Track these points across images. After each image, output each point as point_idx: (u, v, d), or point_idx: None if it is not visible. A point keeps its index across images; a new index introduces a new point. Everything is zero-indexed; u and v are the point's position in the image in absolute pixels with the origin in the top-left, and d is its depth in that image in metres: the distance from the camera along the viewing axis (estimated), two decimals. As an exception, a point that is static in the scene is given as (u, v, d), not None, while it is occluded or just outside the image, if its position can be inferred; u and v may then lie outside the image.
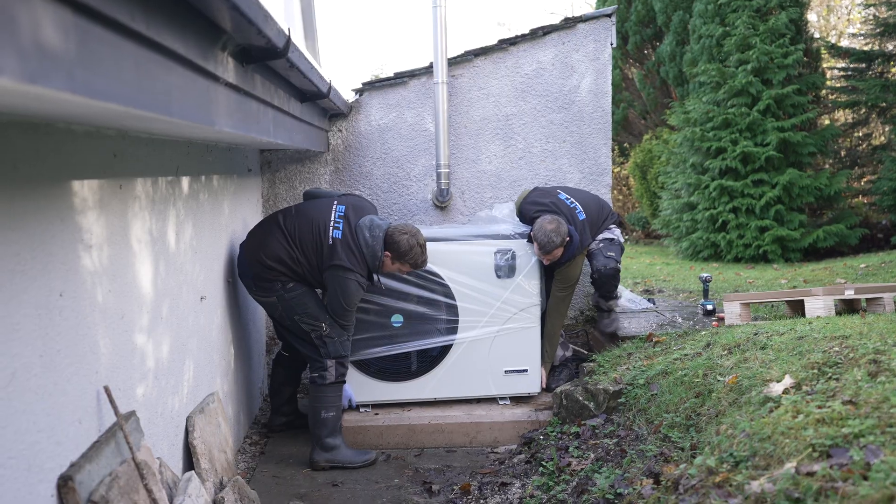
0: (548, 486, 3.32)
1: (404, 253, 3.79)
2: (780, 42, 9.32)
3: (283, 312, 3.87)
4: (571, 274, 4.44)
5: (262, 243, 3.80)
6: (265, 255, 3.76)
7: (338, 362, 3.88)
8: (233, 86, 2.15)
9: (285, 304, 3.83)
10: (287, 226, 3.82)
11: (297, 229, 3.79)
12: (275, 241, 3.78)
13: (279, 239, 3.78)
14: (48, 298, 1.88)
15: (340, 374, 3.90)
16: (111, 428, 2.23)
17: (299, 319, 3.84)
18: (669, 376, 3.54)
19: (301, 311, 3.83)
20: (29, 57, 1.00)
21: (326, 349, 3.85)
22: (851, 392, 2.34)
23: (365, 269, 3.78)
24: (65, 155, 1.98)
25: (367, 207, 3.97)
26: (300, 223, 3.81)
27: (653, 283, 7.35)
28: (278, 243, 3.77)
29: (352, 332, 3.96)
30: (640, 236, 13.41)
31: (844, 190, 9.70)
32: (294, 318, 3.84)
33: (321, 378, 3.86)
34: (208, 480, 3.00)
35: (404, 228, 3.83)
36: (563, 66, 5.20)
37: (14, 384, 1.70)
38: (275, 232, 3.81)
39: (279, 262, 3.75)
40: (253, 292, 3.92)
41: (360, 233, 3.76)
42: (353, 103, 5.17)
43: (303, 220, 3.82)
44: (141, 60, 1.40)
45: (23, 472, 1.73)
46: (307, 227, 3.78)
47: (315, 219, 3.81)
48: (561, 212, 4.40)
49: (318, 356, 3.87)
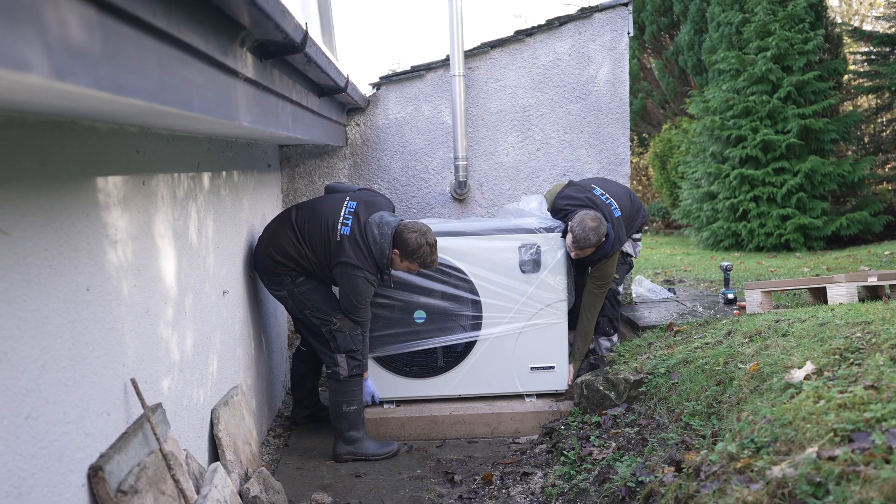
0: (569, 476, 3.34)
1: (412, 251, 3.76)
2: (800, 28, 9.21)
3: (293, 306, 3.92)
4: (608, 271, 4.36)
5: (273, 238, 3.84)
6: (274, 250, 3.81)
7: (348, 356, 3.89)
8: (252, 81, 2.18)
9: (295, 298, 3.87)
10: (297, 221, 3.85)
11: (306, 225, 3.81)
12: (284, 236, 3.82)
13: (288, 234, 3.82)
14: (75, 293, 1.92)
15: (354, 368, 3.90)
16: (138, 420, 2.28)
17: (310, 314, 3.87)
18: (690, 365, 3.54)
19: (311, 306, 3.86)
20: (56, 54, 1.03)
21: (336, 343, 3.87)
22: (874, 377, 2.33)
23: (374, 267, 3.75)
24: (89, 152, 2.02)
25: (380, 203, 3.94)
26: (310, 219, 3.83)
27: (673, 273, 7.32)
28: (287, 238, 3.81)
29: (367, 327, 3.96)
30: (660, 226, 13.34)
31: (868, 177, 9.58)
32: (305, 311, 3.89)
33: (335, 374, 3.90)
34: (233, 472, 3.05)
35: (414, 227, 3.79)
36: (580, 56, 5.19)
37: (44, 376, 1.75)
38: (285, 227, 3.85)
39: (287, 257, 3.79)
40: (267, 286, 3.97)
41: (369, 230, 3.74)
42: (370, 97, 5.20)
43: (313, 215, 3.84)
44: (163, 56, 1.43)
45: (54, 461, 1.78)
46: (316, 223, 3.80)
47: (325, 215, 3.82)
48: (597, 207, 4.28)
49: (328, 350, 3.91)
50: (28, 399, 1.67)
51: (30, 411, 1.68)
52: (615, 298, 4.55)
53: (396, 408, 4.35)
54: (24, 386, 1.66)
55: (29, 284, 1.70)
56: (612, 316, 4.55)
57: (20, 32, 0.94)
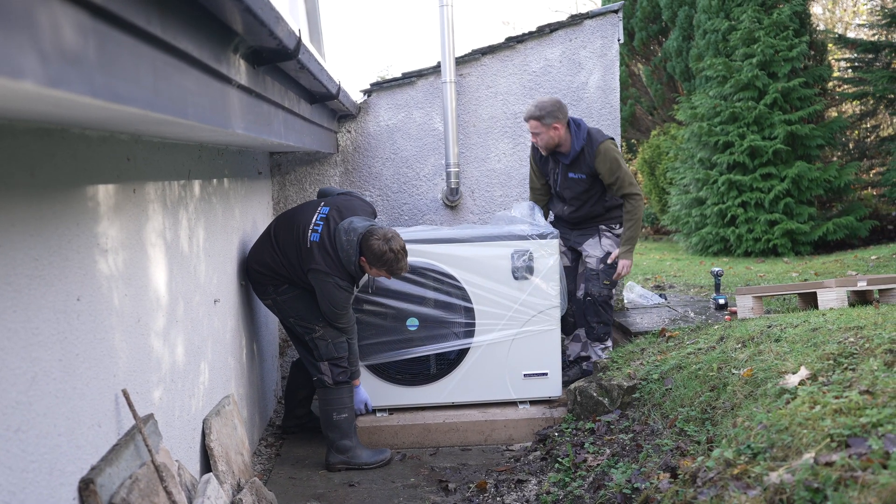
0: (564, 483, 3.32)
1: (377, 258, 3.64)
2: (785, 35, 9.30)
3: (279, 314, 3.98)
4: (620, 173, 4.33)
5: (255, 248, 3.92)
6: (253, 260, 3.89)
7: (331, 364, 3.87)
8: (245, 88, 2.17)
9: (279, 306, 3.91)
10: (275, 231, 3.88)
11: (281, 233, 3.83)
12: (262, 246, 3.88)
13: (266, 243, 3.87)
14: (66, 303, 1.89)
15: (339, 375, 3.87)
16: (130, 431, 2.25)
17: (294, 322, 3.90)
18: (683, 370, 3.54)
19: (294, 314, 3.88)
20: (50, 61, 1.01)
21: (318, 351, 3.87)
22: (868, 382, 2.34)
23: (344, 273, 3.69)
24: (80, 160, 2.00)
25: (354, 208, 3.87)
26: (286, 227, 3.84)
27: (663, 278, 7.34)
28: (264, 247, 3.86)
29: (353, 334, 3.93)
30: (649, 232, 13.39)
31: (853, 182, 9.66)
32: (290, 320, 3.92)
33: (321, 381, 3.90)
34: (226, 482, 3.02)
35: (379, 233, 3.66)
36: (571, 62, 5.20)
37: (35, 388, 1.72)
38: (264, 237, 3.92)
39: (264, 266, 3.83)
40: (256, 295, 4.04)
41: (337, 236, 3.69)
42: (361, 104, 5.18)
43: (288, 223, 3.85)
44: (158, 63, 1.41)
45: (45, 475, 1.75)
46: (290, 231, 3.80)
47: (298, 222, 3.81)
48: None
49: (312, 358, 3.93)
50: (18, 411, 1.64)
51: (20, 424, 1.65)
52: (608, 304, 4.55)
53: (389, 416, 4.32)
54: (13, 398, 1.63)
55: (19, 295, 1.67)
56: (607, 321, 4.55)
57: (13, 39, 0.92)
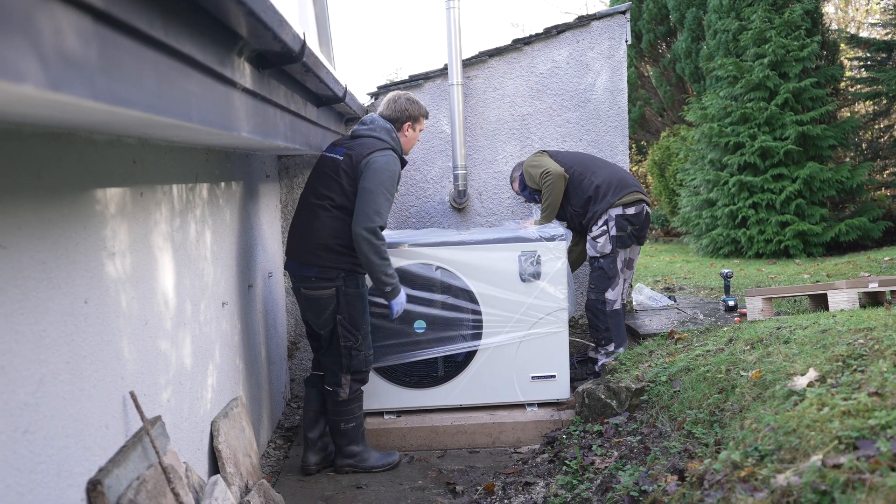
0: (572, 485, 3.31)
1: (413, 108, 3.89)
2: (797, 35, 9.25)
3: (331, 308, 3.69)
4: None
5: (324, 225, 3.67)
6: (329, 236, 3.65)
7: (353, 379, 3.79)
8: (250, 91, 2.18)
9: (341, 298, 3.68)
10: (311, 195, 3.78)
11: (318, 187, 3.76)
12: (332, 221, 3.68)
13: (321, 215, 3.70)
14: (73, 305, 1.91)
15: (354, 391, 3.82)
16: (138, 433, 2.26)
17: (342, 321, 3.69)
18: (692, 373, 3.52)
19: (348, 312, 3.69)
20: (52, 65, 1.02)
21: (349, 361, 3.74)
22: (877, 384, 2.32)
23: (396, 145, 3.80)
24: (87, 163, 2.01)
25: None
26: (315, 182, 3.80)
27: (673, 280, 7.31)
28: (335, 221, 3.67)
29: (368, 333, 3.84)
30: (659, 234, 13.34)
31: (866, 182, 9.60)
32: (338, 317, 3.70)
33: (335, 394, 3.80)
34: (234, 484, 3.03)
35: (390, 104, 3.90)
36: (578, 64, 5.19)
37: (42, 390, 1.73)
38: (316, 211, 3.73)
39: (342, 244, 3.63)
40: (310, 285, 3.70)
41: (362, 132, 3.82)
42: (368, 107, 5.19)
43: (315, 180, 3.82)
44: (161, 67, 1.42)
45: (53, 476, 1.76)
46: (321, 179, 3.76)
47: (320, 171, 3.81)
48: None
49: (336, 369, 3.78)
50: (26, 413, 1.66)
51: (28, 425, 1.66)
52: (597, 308, 4.53)
53: (397, 418, 4.32)
54: (21, 400, 1.64)
55: (27, 297, 1.68)
56: (597, 326, 4.54)
57: (14, 43, 0.93)
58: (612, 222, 4.43)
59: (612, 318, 4.51)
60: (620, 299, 4.53)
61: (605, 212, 4.45)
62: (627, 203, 4.44)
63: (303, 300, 3.79)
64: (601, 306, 4.51)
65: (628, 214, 4.44)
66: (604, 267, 4.48)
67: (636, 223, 4.46)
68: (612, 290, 4.49)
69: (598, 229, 4.47)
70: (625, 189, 4.48)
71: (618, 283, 4.49)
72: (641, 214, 4.48)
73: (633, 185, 4.54)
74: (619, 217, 4.43)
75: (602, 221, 4.46)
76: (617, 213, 4.43)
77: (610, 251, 4.45)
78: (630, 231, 4.45)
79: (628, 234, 4.45)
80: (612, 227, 4.43)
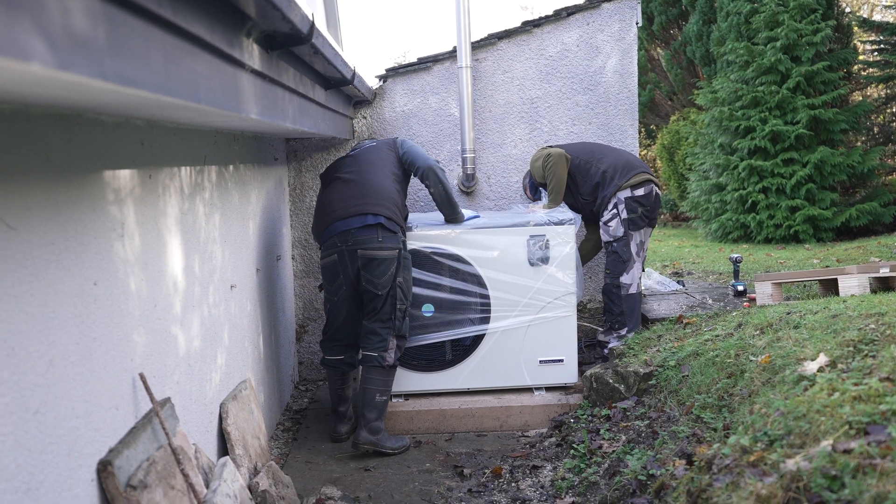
0: (579, 469, 3.32)
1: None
2: (810, 18, 9.14)
3: (391, 273, 3.81)
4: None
5: (384, 189, 3.93)
6: (389, 201, 3.91)
7: (399, 342, 3.91)
8: (258, 72, 2.16)
9: (400, 262, 3.85)
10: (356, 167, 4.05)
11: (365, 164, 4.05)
12: (393, 185, 4.01)
13: (393, 182, 4.02)
14: (83, 287, 1.91)
15: (398, 357, 3.92)
16: (147, 414, 2.27)
17: (401, 283, 3.86)
18: (701, 357, 3.51)
19: (404, 276, 3.89)
20: (59, 44, 1.01)
21: (401, 324, 3.88)
22: (889, 369, 2.30)
23: None
24: (95, 145, 2.01)
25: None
26: (367, 163, 4.07)
27: (681, 265, 7.28)
28: (395, 187, 4.01)
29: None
30: (668, 219, 13.29)
31: (878, 167, 9.52)
32: (398, 280, 3.85)
33: (381, 358, 3.85)
34: (243, 466, 3.04)
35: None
36: (588, 46, 5.15)
37: (52, 371, 1.74)
38: (385, 174, 4.03)
39: (400, 209, 3.97)
40: (375, 245, 3.79)
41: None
42: (377, 90, 5.17)
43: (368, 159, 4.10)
44: (168, 48, 1.41)
45: (63, 457, 1.77)
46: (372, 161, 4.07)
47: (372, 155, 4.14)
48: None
49: (386, 332, 3.86)
50: (36, 394, 1.66)
51: (38, 406, 1.67)
52: (612, 293, 4.52)
53: (405, 401, 4.34)
54: (32, 381, 1.65)
55: (36, 279, 1.69)
56: (611, 309, 4.54)
57: (22, 21, 0.92)
58: (622, 205, 4.41)
59: (626, 302, 4.51)
60: (636, 283, 4.51)
61: (613, 195, 4.44)
62: (635, 184, 4.42)
63: (359, 261, 3.83)
64: (616, 290, 4.50)
65: (637, 196, 4.41)
66: (617, 251, 4.47)
67: (646, 204, 4.44)
68: (626, 273, 4.47)
69: (609, 213, 4.45)
70: (631, 171, 4.46)
71: (632, 266, 4.48)
72: (651, 195, 4.46)
73: (640, 167, 4.52)
74: (628, 199, 4.41)
75: (612, 205, 4.44)
76: (626, 195, 4.41)
77: (623, 234, 4.43)
78: (641, 212, 4.44)
79: (639, 216, 4.44)
80: (622, 210, 4.41)
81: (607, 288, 4.54)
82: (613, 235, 4.46)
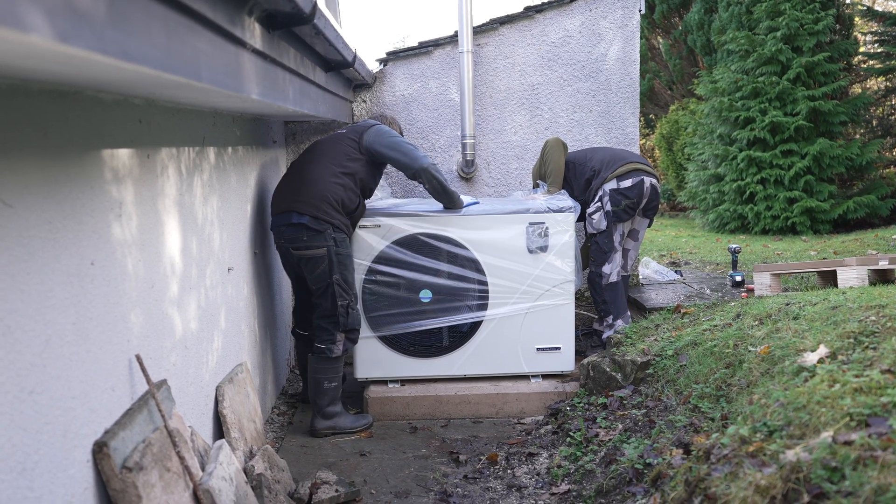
0: (575, 457, 3.32)
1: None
2: (811, 8, 9.10)
3: (323, 269, 3.79)
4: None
5: (322, 183, 3.83)
6: (327, 192, 3.81)
7: (347, 337, 3.90)
8: (259, 52, 2.13)
9: (332, 258, 3.79)
10: (310, 160, 3.96)
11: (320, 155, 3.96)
12: (335, 180, 3.87)
13: (332, 175, 3.87)
14: (80, 266, 1.88)
15: (345, 350, 3.91)
16: (143, 396, 2.25)
17: (337, 280, 3.81)
18: (699, 347, 3.51)
19: (341, 271, 3.82)
20: (59, 15, 0.98)
21: (345, 320, 3.85)
22: (890, 361, 2.30)
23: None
24: (94, 123, 1.98)
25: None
26: (324, 152, 3.97)
27: (679, 255, 7.27)
28: (337, 181, 3.86)
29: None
30: (665, 209, 13.27)
31: (876, 160, 9.51)
32: (334, 277, 3.79)
33: (328, 350, 3.86)
34: (238, 449, 3.03)
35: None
36: (591, 33, 5.11)
37: (48, 351, 1.72)
38: (328, 172, 3.89)
39: (338, 201, 3.83)
40: (301, 244, 3.79)
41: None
42: (377, 73, 5.13)
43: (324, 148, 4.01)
44: (170, 23, 1.38)
45: (59, 437, 1.75)
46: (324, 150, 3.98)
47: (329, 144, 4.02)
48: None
49: (332, 328, 3.86)
50: (32, 374, 1.64)
51: (34, 386, 1.65)
52: (594, 282, 4.51)
53: (401, 387, 4.33)
54: (28, 360, 1.63)
55: (33, 257, 1.66)
56: (596, 299, 4.55)
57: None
58: (607, 197, 4.38)
59: (607, 291, 4.49)
60: (616, 273, 4.49)
61: (599, 188, 4.42)
62: (622, 174, 4.37)
63: (293, 257, 3.88)
64: (598, 280, 4.50)
65: (622, 188, 4.36)
66: (599, 242, 4.45)
67: (631, 196, 4.38)
68: (607, 263, 4.45)
69: (594, 206, 4.44)
70: (617, 162, 4.43)
71: (613, 257, 4.44)
72: (640, 187, 4.37)
73: (630, 158, 4.48)
74: (612, 192, 4.37)
75: (597, 198, 4.43)
76: (611, 187, 4.37)
77: (605, 227, 4.40)
78: (625, 205, 4.37)
79: (623, 209, 4.37)
80: (606, 203, 4.38)
81: (591, 277, 4.54)
82: (597, 228, 4.44)
